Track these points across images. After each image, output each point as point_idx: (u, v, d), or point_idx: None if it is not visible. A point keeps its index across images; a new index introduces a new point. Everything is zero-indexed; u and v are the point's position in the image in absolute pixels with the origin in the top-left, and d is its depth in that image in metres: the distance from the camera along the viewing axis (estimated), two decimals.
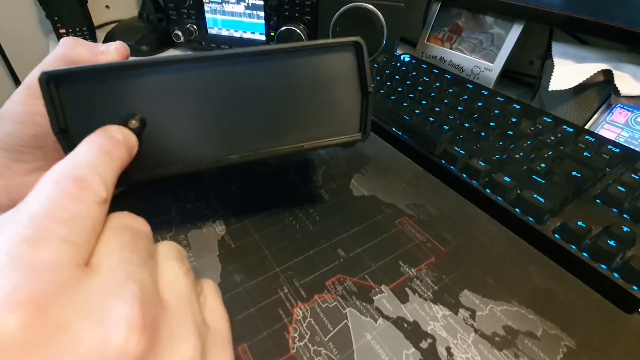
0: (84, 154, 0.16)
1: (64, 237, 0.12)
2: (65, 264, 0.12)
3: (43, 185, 0.14)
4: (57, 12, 0.58)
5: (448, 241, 0.28)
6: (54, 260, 0.12)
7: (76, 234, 0.13)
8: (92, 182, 0.15)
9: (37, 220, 0.12)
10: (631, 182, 0.29)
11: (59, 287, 0.11)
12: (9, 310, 0.10)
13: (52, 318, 0.11)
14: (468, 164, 0.32)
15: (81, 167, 0.15)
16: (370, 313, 0.23)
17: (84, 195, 0.14)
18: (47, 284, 0.11)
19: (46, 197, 0.13)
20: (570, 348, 0.21)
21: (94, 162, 0.16)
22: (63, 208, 0.13)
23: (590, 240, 0.26)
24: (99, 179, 0.15)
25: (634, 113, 0.39)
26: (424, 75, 0.47)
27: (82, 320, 0.11)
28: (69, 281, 0.12)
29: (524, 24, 0.47)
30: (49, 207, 0.13)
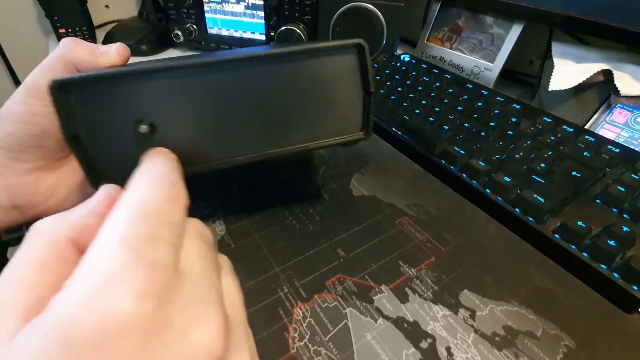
0: (161, 163, 0.17)
1: (168, 240, 0.13)
2: (171, 265, 0.13)
3: (145, 183, 0.15)
4: (57, 11, 0.58)
5: (448, 241, 0.28)
6: (166, 260, 0.12)
7: (175, 238, 0.14)
8: (181, 187, 0.15)
9: (150, 220, 0.13)
10: (631, 182, 0.29)
11: (170, 286, 0.12)
12: (140, 300, 0.11)
13: (166, 313, 0.11)
14: (468, 163, 0.32)
15: (171, 172, 0.16)
16: (370, 313, 0.23)
17: (179, 199, 0.15)
18: (165, 282, 0.12)
19: (153, 197, 0.14)
20: (570, 348, 0.21)
21: (175, 170, 0.16)
22: (166, 210, 0.14)
23: (590, 240, 0.26)
24: (183, 185, 0.16)
25: (633, 113, 0.39)
26: (423, 75, 0.47)
27: (184, 319, 0.12)
28: (174, 282, 0.12)
29: (524, 23, 0.47)
30: (156, 209, 0.13)
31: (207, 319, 0.13)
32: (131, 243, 0.12)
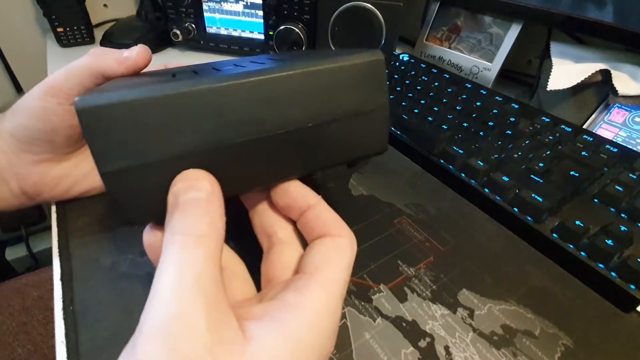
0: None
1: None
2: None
3: (350, 250, 0.17)
4: (55, 10, 0.58)
5: (446, 240, 0.28)
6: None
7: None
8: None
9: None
10: (629, 182, 0.29)
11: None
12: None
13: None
14: (466, 163, 0.32)
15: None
16: (369, 312, 0.23)
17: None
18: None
19: (343, 281, 0.17)
20: (568, 347, 0.21)
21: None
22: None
23: (588, 239, 0.26)
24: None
25: (631, 113, 0.39)
26: (422, 75, 0.47)
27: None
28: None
29: (523, 23, 0.47)
30: (342, 291, 0.17)
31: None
32: (343, 301, 0.16)
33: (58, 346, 0.20)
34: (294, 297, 0.15)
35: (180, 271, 0.12)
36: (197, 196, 0.14)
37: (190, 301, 0.12)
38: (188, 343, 0.11)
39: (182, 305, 0.12)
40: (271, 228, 0.20)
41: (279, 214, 0.20)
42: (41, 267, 0.57)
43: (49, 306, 0.48)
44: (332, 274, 0.16)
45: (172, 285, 0.12)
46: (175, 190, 0.15)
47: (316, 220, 0.18)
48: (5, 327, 0.45)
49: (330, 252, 0.17)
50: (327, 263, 0.16)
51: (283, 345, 0.13)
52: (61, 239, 0.26)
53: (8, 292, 0.49)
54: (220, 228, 0.14)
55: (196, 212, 0.14)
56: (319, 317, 0.14)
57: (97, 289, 0.23)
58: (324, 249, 0.17)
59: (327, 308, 0.15)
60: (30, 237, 0.86)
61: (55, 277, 0.23)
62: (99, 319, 0.21)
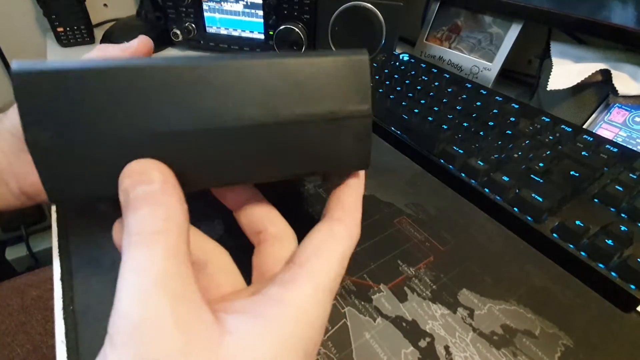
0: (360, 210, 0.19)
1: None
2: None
3: (347, 240, 0.17)
4: (55, 10, 0.58)
5: (446, 240, 0.28)
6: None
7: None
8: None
9: (340, 277, 0.17)
10: (629, 182, 0.29)
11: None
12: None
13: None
14: (466, 163, 0.32)
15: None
16: (369, 312, 0.23)
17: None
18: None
19: (349, 255, 0.17)
20: (568, 347, 0.21)
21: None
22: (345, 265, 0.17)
23: (588, 239, 0.26)
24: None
25: (631, 113, 0.39)
26: (422, 75, 0.47)
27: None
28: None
29: (523, 23, 0.47)
30: (333, 285, 0.16)
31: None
32: (333, 295, 0.15)
33: (58, 346, 0.20)
34: (279, 291, 0.14)
35: (139, 274, 0.12)
36: (148, 189, 0.13)
37: (153, 303, 0.11)
38: (158, 346, 0.11)
39: (146, 309, 0.11)
40: (261, 224, 0.19)
41: (267, 207, 0.20)
42: (41, 267, 0.57)
43: (48, 306, 0.48)
44: (323, 265, 0.15)
45: (133, 289, 0.12)
46: (124, 187, 0.14)
47: (329, 199, 0.18)
48: (5, 326, 0.45)
49: (323, 241, 0.16)
50: (318, 253, 0.15)
51: (263, 340, 0.12)
52: (61, 239, 0.26)
53: (7, 291, 0.49)
54: (179, 219, 0.13)
55: (149, 208, 0.13)
56: (304, 312, 0.14)
57: (97, 289, 0.23)
58: (317, 237, 0.16)
59: (313, 303, 0.14)
60: (30, 237, 0.86)
61: (55, 277, 0.23)
62: (99, 319, 0.21)
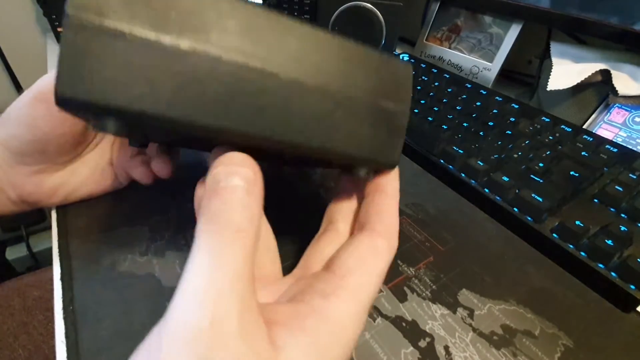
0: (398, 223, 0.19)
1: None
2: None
3: (386, 255, 0.16)
4: (55, 10, 0.58)
5: (446, 240, 0.28)
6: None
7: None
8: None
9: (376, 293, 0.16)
10: (628, 182, 0.29)
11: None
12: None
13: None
14: (466, 163, 0.32)
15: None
16: (369, 312, 0.23)
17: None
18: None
19: (382, 270, 0.16)
20: (567, 347, 0.21)
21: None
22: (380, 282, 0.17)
23: (588, 239, 0.26)
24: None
25: (631, 113, 0.39)
26: (422, 75, 0.47)
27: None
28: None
29: (523, 23, 0.47)
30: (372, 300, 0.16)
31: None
32: (370, 308, 0.15)
33: (58, 346, 0.20)
34: (322, 303, 0.14)
35: (217, 269, 0.11)
36: (240, 185, 0.13)
37: (225, 306, 0.11)
38: (219, 353, 0.10)
39: (217, 310, 0.11)
40: (338, 214, 0.20)
41: (352, 204, 0.20)
42: (41, 267, 0.57)
43: (50, 306, 0.48)
44: (364, 280, 0.15)
45: (207, 284, 0.11)
46: (216, 173, 0.13)
47: (368, 207, 0.18)
48: (6, 327, 0.45)
49: (365, 255, 0.16)
50: (359, 267, 0.15)
51: (309, 355, 0.13)
52: (61, 239, 0.26)
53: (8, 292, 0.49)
54: (258, 223, 0.13)
55: (237, 203, 0.12)
56: (344, 327, 0.14)
57: (97, 289, 0.23)
58: (359, 250, 0.16)
59: (354, 318, 0.14)
60: (31, 237, 0.86)
61: (55, 277, 0.23)
62: (99, 319, 0.21)
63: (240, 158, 0.14)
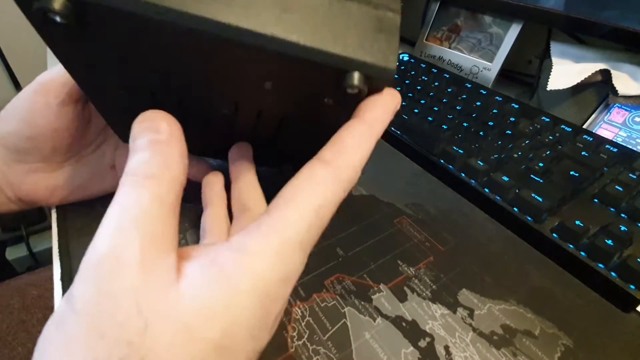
0: (371, 145, 0.16)
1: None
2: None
3: (337, 183, 0.14)
4: None
5: (446, 240, 0.28)
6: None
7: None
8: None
9: (320, 229, 0.14)
10: (628, 182, 0.29)
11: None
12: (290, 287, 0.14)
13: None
14: (466, 163, 0.32)
15: (360, 170, 0.16)
16: (369, 312, 0.23)
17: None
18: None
19: (335, 203, 0.14)
20: (567, 347, 0.21)
21: (365, 162, 0.16)
22: (333, 213, 0.15)
23: (587, 239, 0.26)
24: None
25: (631, 113, 0.39)
26: (422, 75, 0.47)
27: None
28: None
29: (523, 23, 0.47)
30: (329, 216, 0.14)
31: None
32: (305, 249, 0.14)
33: None
34: (240, 240, 0.13)
35: (121, 211, 0.12)
36: (152, 137, 0.14)
37: (124, 239, 0.12)
38: (117, 281, 0.11)
39: (116, 244, 0.11)
40: (250, 202, 0.21)
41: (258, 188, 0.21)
42: (41, 267, 0.57)
43: (49, 305, 0.48)
44: (292, 215, 0.13)
45: (111, 224, 0.12)
46: (134, 133, 0.14)
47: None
48: (5, 325, 0.45)
49: (299, 187, 0.14)
50: (290, 201, 0.14)
51: (215, 288, 0.12)
52: (61, 239, 0.26)
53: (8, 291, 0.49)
54: (175, 171, 0.14)
55: (149, 153, 0.13)
56: (264, 264, 0.13)
57: None
58: (295, 182, 0.14)
59: (277, 256, 0.13)
60: (30, 237, 0.86)
61: (55, 277, 0.23)
62: None
63: (152, 115, 0.15)
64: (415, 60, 0.51)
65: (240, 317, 0.12)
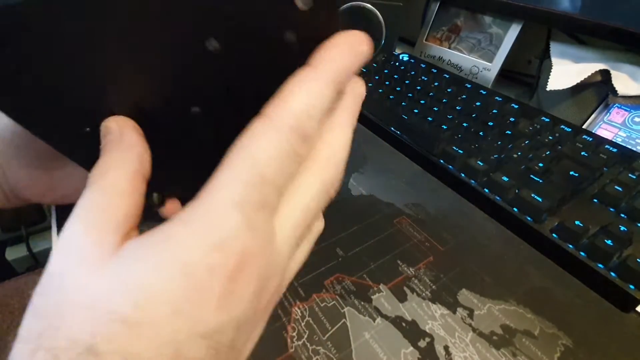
0: (322, 94, 0.13)
1: (273, 204, 0.13)
2: (269, 228, 0.13)
3: (274, 134, 0.12)
4: None
5: (446, 240, 0.28)
6: (267, 225, 0.13)
7: (279, 200, 0.13)
8: (314, 139, 0.13)
9: (267, 187, 0.12)
10: (628, 182, 0.29)
11: (264, 247, 0.13)
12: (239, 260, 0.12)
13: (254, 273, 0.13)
14: (466, 163, 0.32)
15: (315, 116, 0.13)
16: (369, 312, 0.23)
17: (303, 156, 0.13)
18: (262, 244, 0.13)
19: (278, 157, 0.12)
20: (567, 347, 0.21)
21: (326, 107, 0.13)
22: (285, 173, 0.13)
23: (587, 239, 0.26)
24: (317, 131, 0.13)
25: (631, 113, 0.39)
26: (422, 75, 0.47)
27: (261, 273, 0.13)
28: (268, 243, 0.13)
29: (523, 23, 0.47)
30: (277, 173, 0.12)
31: (276, 291, 0.14)
32: (249, 210, 0.12)
33: None
34: (180, 212, 0.12)
35: (76, 207, 0.14)
36: (105, 140, 0.15)
37: (68, 229, 0.13)
38: (51, 267, 0.13)
39: (63, 234, 0.13)
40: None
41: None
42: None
43: None
44: (226, 176, 0.12)
45: (69, 221, 0.13)
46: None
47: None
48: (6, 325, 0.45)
49: (235, 147, 0.13)
50: (223, 163, 0.12)
51: (134, 261, 0.12)
52: None
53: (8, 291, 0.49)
54: (126, 158, 0.14)
55: (104, 155, 0.14)
56: (185, 234, 0.12)
57: None
58: (234, 144, 0.13)
59: (202, 222, 0.12)
60: (30, 237, 0.86)
61: None
62: None
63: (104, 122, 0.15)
64: (415, 60, 0.51)
65: (156, 291, 0.11)
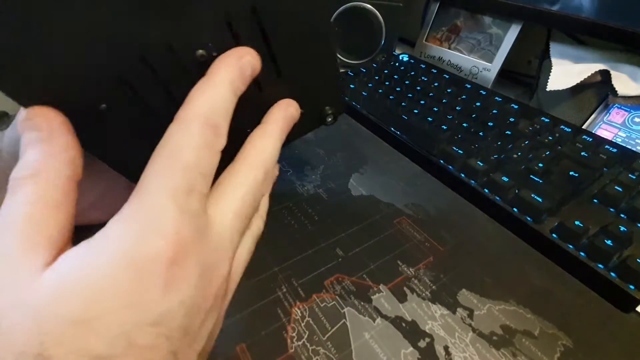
0: (220, 95, 0.15)
1: (200, 189, 0.14)
2: (202, 212, 0.14)
3: (186, 129, 0.14)
4: None
5: (446, 241, 0.28)
6: (198, 210, 0.14)
7: (207, 186, 0.14)
8: (223, 130, 0.15)
9: (189, 172, 0.13)
10: (628, 182, 0.29)
11: (201, 231, 0.13)
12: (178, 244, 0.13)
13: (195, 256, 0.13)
14: (466, 163, 0.32)
15: (218, 111, 0.15)
16: (369, 312, 0.23)
17: (217, 144, 0.14)
18: (197, 228, 0.13)
19: (193, 146, 0.14)
20: (567, 347, 0.21)
21: (228, 105, 0.15)
22: (204, 160, 0.14)
23: (587, 239, 0.26)
24: (226, 124, 0.15)
25: (631, 113, 0.39)
26: (422, 75, 0.47)
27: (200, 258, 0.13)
28: (205, 227, 0.14)
29: (522, 24, 0.47)
30: (196, 160, 0.13)
31: (221, 274, 0.15)
32: (173, 194, 0.13)
33: None
34: (113, 218, 0.13)
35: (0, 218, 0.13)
36: (32, 136, 0.14)
37: (3, 238, 0.12)
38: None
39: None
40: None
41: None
42: None
43: None
44: (150, 169, 0.13)
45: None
46: (20, 132, 0.14)
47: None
48: None
49: (155, 151, 0.14)
50: (146, 170, 0.13)
51: (75, 266, 0.12)
52: None
53: None
54: (57, 165, 0.14)
55: (26, 154, 0.14)
56: (121, 229, 0.12)
57: None
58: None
59: (134, 218, 0.13)
60: None
61: None
62: None
63: (34, 110, 0.14)
64: (415, 60, 0.51)
65: (103, 286, 0.12)
